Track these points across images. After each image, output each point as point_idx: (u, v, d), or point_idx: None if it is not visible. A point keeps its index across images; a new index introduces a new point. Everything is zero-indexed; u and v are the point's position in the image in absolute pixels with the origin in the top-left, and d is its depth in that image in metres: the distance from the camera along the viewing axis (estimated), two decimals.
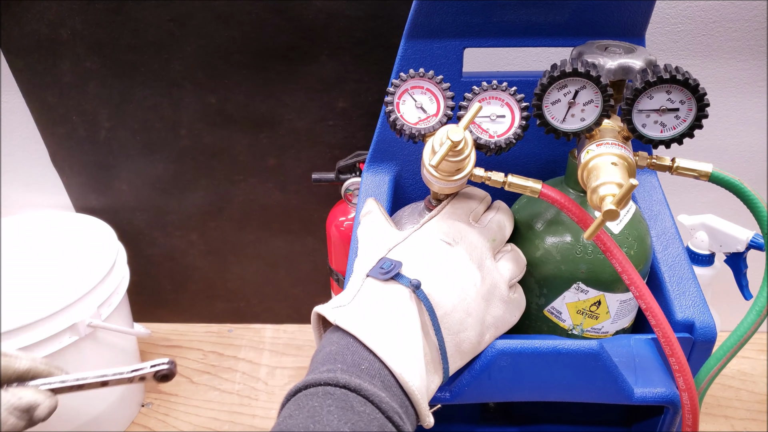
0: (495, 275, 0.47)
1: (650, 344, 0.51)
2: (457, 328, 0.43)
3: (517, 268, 0.49)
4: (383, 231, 0.49)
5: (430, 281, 0.43)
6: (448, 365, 0.43)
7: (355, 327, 0.39)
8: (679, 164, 0.46)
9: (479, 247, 0.47)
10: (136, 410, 0.85)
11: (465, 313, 0.43)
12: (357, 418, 0.35)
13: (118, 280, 0.75)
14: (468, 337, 0.44)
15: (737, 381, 0.86)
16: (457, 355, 0.44)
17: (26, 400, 0.46)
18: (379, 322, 0.40)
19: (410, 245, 0.46)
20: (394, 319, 0.40)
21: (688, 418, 0.47)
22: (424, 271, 0.43)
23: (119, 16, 0.72)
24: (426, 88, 0.47)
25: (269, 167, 0.84)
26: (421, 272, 0.43)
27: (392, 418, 0.36)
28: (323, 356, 0.39)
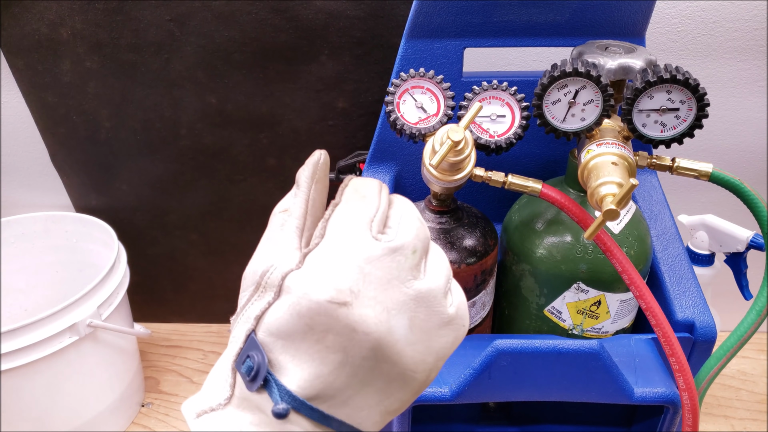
0: (428, 302, 0.32)
1: (650, 344, 0.51)
2: (375, 400, 0.31)
3: (447, 269, 0.34)
4: (274, 252, 0.33)
5: (316, 376, 0.30)
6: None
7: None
8: (679, 164, 0.46)
9: (394, 275, 0.31)
10: (136, 410, 0.84)
11: (386, 381, 0.31)
12: None
13: (118, 280, 0.75)
14: (398, 399, 0.32)
15: (737, 381, 0.86)
16: (385, 418, 0.33)
17: None
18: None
19: (286, 312, 0.30)
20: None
21: (688, 418, 0.47)
22: (304, 362, 0.30)
23: (119, 16, 0.72)
24: (426, 88, 0.47)
25: (269, 167, 0.84)
26: (302, 363, 0.30)
27: None
28: None
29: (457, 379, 0.47)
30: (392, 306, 0.31)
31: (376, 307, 0.30)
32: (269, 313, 0.31)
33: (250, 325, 0.31)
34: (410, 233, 0.32)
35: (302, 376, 0.30)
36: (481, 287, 0.52)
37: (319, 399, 0.30)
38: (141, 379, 0.87)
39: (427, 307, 0.32)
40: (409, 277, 0.31)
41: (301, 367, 0.30)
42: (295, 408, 0.29)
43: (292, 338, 0.30)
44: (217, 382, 0.32)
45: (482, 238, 0.51)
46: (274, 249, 0.34)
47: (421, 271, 0.32)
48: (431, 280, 0.32)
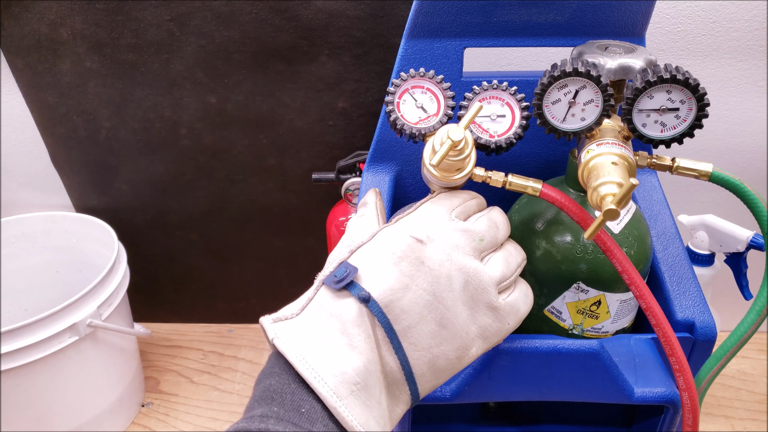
0: (480, 278, 0.40)
1: (650, 344, 0.51)
2: (427, 343, 0.37)
3: (508, 269, 0.42)
4: (363, 226, 0.44)
5: (389, 288, 0.37)
6: (416, 386, 0.38)
7: (294, 353, 0.35)
8: (679, 164, 0.46)
9: (460, 245, 0.40)
10: (136, 410, 0.85)
11: (438, 325, 0.37)
12: None
13: (118, 280, 0.75)
14: (444, 352, 0.38)
15: (737, 381, 0.86)
16: (430, 374, 0.38)
17: None
18: (322, 347, 0.35)
19: (375, 244, 0.40)
20: (340, 343, 0.35)
21: (688, 418, 0.47)
22: (382, 277, 0.37)
23: (119, 16, 0.72)
24: (426, 88, 0.47)
25: (269, 167, 0.84)
26: (380, 278, 0.37)
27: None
28: (262, 390, 0.35)
29: (457, 379, 0.47)
30: (454, 264, 0.39)
31: (442, 256, 0.39)
32: (362, 246, 0.40)
33: (344, 255, 0.40)
34: (482, 226, 0.42)
35: (378, 285, 0.37)
36: None
37: (387, 309, 0.36)
38: (141, 379, 0.87)
39: (477, 285, 0.40)
40: (471, 253, 0.40)
41: (378, 281, 0.37)
42: (370, 306, 0.36)
43: (376, 261, 0.38)
44: (298, 301, 0.38)
45: None
46: (360, 229, 0.44)
47: (483, 258, 0.42)
48: (487, 267, 0.41)
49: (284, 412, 0.33)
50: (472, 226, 0.42)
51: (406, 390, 0.38)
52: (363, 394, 0.35)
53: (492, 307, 0.40)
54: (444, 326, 0.38)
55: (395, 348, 0.36)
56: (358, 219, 0.46)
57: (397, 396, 0.37)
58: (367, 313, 0.36)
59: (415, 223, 0.41)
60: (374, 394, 0.35)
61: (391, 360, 0.37)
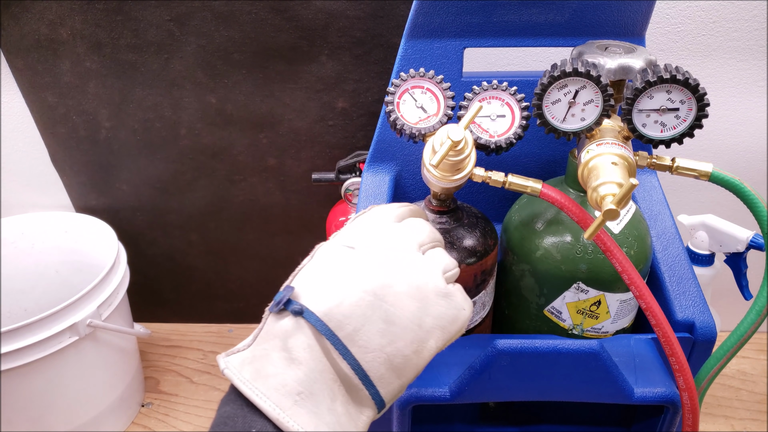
0: (424, 268, 0.40)
1: (650, 344, 0.51)
2: (378, 343, 0.37)
3: (450, 261, 0.42)
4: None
5: (325, 298, 0.37)
6: (376, 389, 0.37)
7: (239, 378, 0.36)
8: (679, 164, 0.46)
9: (396, 240, 0.41)
10: (136, 410, 0.84)
11: (385, 323, 0.37)
12: None
13: (118, 280, 0.75)
14: (398, 349, 0.37)
15: (737, 381, 0.86)
16: (390, 374, 0.37)
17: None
18: (264, 367, 0.36)
19: (313, 262, 0.40)
20: (280, 358, 0.36)
21: (688, 418, 0.47)
22: (318, 289, 0.37)
23: (119, 16, 0.72)
24: (426, 88, 0.47)
25: (269, 167, 0.84)
26: (315, 291, 0.37)
27: None
28: (218, 418, 0.35)
29: (457, 379, 0.47)
30: (392, 260, 0.39)
31: (379, 254, 0.39)
32: (303, 268, 0.40)
33: (288, 280, 0.40)
34: (417, 223, 0.43)
35: (316, 298, 0.37)
36: (481, 287, 0.52)
37: (327, 317, 0.36)
38: (141, 379, 0.87)
39: (423, 275, 0.39)
40: (409, 248, 0.41)
41: (315, 293, 0.37)
42: (306, 316, 0.36)
43: (312, 274, 0.39)
44: (252, 335, 0.38)
45: (482, 238, 0.51)
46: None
47: (425, 252, 0.42)
48: (428, 257, 0.41)
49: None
50: (407, 225, 0.43)
51: (366, 394, 0.37)
52: (309, 402, 0.35)
53: (443, 293, 0.39)
54: (392, 323, 0.37)
55: (342, 354, 0.36)
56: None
57: (359, 401, 0.37)
58: (307, 324, 0.36)
59: (348, 233, 0.42)
60: (323, 401, 0.35)
61: (344, 366, 0.36)
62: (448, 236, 0.50)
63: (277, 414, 0.34)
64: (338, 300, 0.37)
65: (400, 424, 0.49)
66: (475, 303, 0.53)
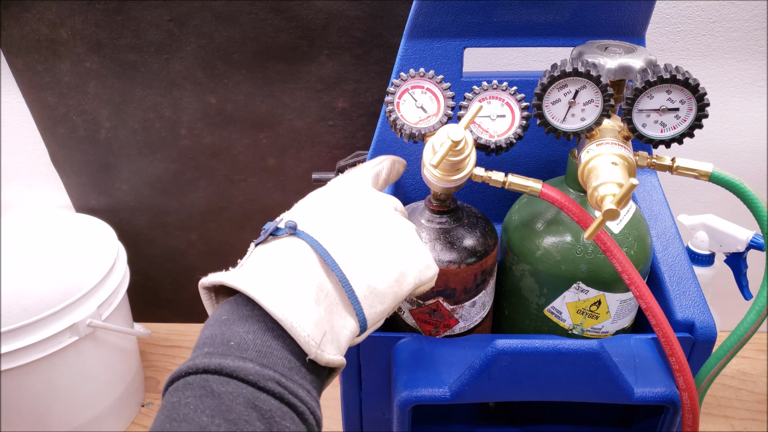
0: (384, 201, 0.44)
1: (650, 344, 0.51)
2: (362, 266, 0.39)
3: (399, 205, 0.46)
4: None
5: (315, 221, 0.40)
6: (361, 307, 0.38)
7: (231, 278, 0.37)
8: (679, 164, 0.46)
9: (361, 176, 0.46)
10: (136, 410, 0.84)
11: (363, 246, 0.39)
12: (216, 402, 0.31)
13: (118, 280, 0.75)
14: (380, 272, 0.39)
15: (737, 381, 0.86)
16: (373, 297, 0.39)
17: None
18: (259, 271, 0.37)
19: (297, 205, 0.43)
20: (276, 264, 0.37)
21: (688, 418, 0.47)
22: (307, 217, 0.40)
23: (119, 16, 0.72)
24: (426, 88, 0.47)
25: (269, 167, 0.84)
26: (305, 218, 0.40)
27: (266, 387, 0.32)
28: (199, 340, 0.35)
29: (457, 379, 0.47)
30: (374, 194, 0.45)
31: (367, 192, 0.45)
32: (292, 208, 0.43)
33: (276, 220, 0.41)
34: (374, 163, 0.50)
35: (306, 222, 0.40)
36: (481, 287, 0.52)
37: (318, 234, 0.39)
38: (141, 379, 0.87)
39: (397, 207, 0.45)
40: (369, 182, 0.47)
41: (305, 219, 0.40)
42: (299, 234, 0.39)
43: (297, 212, 0.42)
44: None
45: (482, 238, 0.51)
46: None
47: (376, 186, 0.48)
48: (385, 195, 0.46)
49: (215, 347, 0.34)
50: (368, 164, 0.49)
51: (352, 310, 0.38)
52: (293, 294, 0.35)
53: (404, 226, 0.43)
54: (368, 247, 0.40)
55: (332, 266, 0.38)
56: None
57: (340, 315, 0.38)
58: (299, 242, 0.38)
59: (334, 180, 0.46)
60: (303, 291, 0.36)
61: (331, 280, 0.38)
62: (448, 236, 0.50)
63: (241, 284, 0.35)
64: (327, 224, 0.40)
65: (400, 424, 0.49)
66: (474, 303, 0.53)
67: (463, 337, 0.53)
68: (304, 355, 0.35)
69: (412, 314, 0.53)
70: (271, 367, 0.33)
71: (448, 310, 0.52)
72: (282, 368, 0.33)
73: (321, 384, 0.36)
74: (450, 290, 0.51)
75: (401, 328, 0.55)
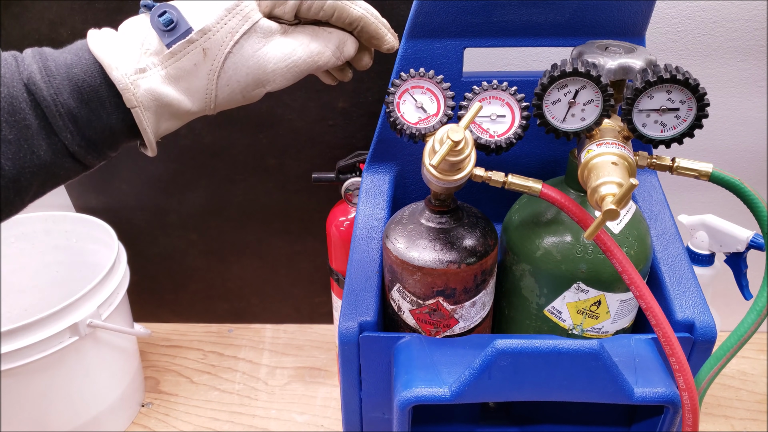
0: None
1: (650, 344, 0.51)
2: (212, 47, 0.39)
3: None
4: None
5: (179, 2, 0.40)
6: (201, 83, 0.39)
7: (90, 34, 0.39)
8: (679, 164, 0.46)
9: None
10: (136, 410, 0.85)
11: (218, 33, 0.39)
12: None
13: (118, 280, 0.75)
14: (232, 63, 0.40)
15: (737, 381, 0.86)
16: (219, 79, 0.40)
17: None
18: (110, 33, 0.40)
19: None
20: (124, 29, 0.40)
21: (688, 418, 0.47)
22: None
23: (119, 16, 0.72)
24: (426, 88, 0.47)
25: (269, 167, 0.84)
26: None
27: (28, 86, 0.35)
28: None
29: (457, 379, 0.47)
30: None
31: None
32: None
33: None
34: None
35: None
36: (481, 287, 0.52)
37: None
38: (141, 379, 0.87)
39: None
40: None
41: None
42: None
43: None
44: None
45: (482, 238, 0.51)
46: None
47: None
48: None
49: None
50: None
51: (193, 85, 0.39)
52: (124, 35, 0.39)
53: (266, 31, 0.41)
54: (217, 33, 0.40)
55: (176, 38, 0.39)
56: None
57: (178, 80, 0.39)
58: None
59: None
60: (136, 42, 0.39)
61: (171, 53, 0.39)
62: (448, 236, 0.50)
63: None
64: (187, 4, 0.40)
65: (400, 424, 0.49)
66: (474, 303, 0.53)
67: (463, 337, 0.53)
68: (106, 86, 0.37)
69: (412, 314, 0.53)
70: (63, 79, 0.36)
71: (448, 310, 0.52)
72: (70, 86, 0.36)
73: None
74: (450, 290, 0.51)
75: (401, 328, 0.55)
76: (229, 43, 0.39)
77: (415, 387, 0.47)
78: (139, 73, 0.38)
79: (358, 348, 0.52)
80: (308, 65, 0.43)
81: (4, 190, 0.36)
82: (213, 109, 0.42)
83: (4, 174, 0.35)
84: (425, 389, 0.47)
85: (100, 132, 0.38)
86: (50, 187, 0.39)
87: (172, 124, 0.41)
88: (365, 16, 0.44)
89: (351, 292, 0.53)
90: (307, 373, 0.91)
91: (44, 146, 0.36)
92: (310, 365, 0.92)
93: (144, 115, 0.38)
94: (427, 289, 0.51)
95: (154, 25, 0.39)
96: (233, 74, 0.40)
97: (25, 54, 0.37)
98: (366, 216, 0.60)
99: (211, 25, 0.39)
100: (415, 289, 0.51)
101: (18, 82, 0.36)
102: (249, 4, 0.40)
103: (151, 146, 0.40)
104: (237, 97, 0.42)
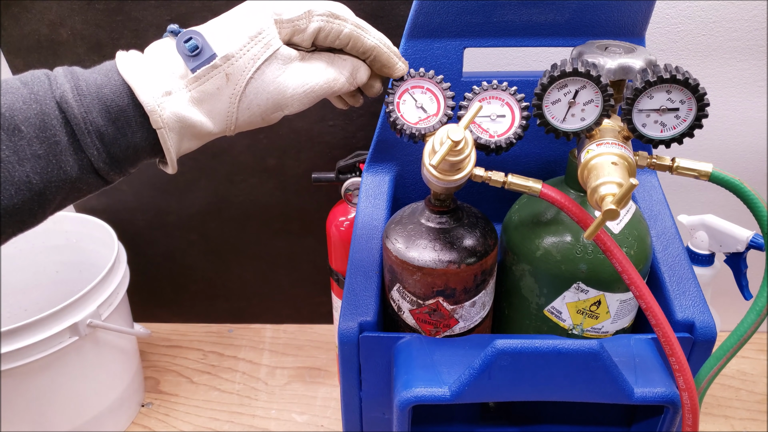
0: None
1: (650, 344, 0.51)
2: (237, 73, 0.40)
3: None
4: None
5: (203, 28, 0.42)
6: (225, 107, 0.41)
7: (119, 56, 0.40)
8: (679, 164, 0.46)
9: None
10: (136, 410, 0.85)
11: (241, 55, 0.40)
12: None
13: (118, 280, 0.75)
14: (254, 87, 0.41)
15: (737, 381, 0.86)
16: (240, 105, 0.41)
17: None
18: (138, 56, 0.40)
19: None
20: (151, 53, 0.40)
21: (688, 418, 0.47)
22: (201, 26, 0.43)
23: (119, 16, 0.72)
24: (426, 88, 0.47)
25: (269, 167, 0.84)
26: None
27: (61, 104, 0.36)
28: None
29: (457, 379, 0.47)
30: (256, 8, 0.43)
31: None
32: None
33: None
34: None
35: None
36: (481, 287, 0.52)
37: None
38: (141, 379, 0.87)
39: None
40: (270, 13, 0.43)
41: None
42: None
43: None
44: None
45: (482, 238, 0.51)
46: None
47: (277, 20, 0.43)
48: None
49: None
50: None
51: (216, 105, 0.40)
52: (154, 57, 0.40)
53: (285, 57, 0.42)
54: (247, 62, 0.41)
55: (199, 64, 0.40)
56: None
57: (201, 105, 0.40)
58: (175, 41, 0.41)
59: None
60: (163, 65, 0.40)
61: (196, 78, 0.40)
62: (448, 236, 0.50)
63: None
64: (210, 29, 0.42)
65: (400, 424, 0.49)
66: (474, 303, 0.53)
67: (463, 337, 0.53)
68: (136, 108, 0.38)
69: (412, 314, 0.53)
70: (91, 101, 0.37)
71: (448, 310, 0.52)
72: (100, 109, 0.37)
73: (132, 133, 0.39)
74: (450, 290, 0.51)
75: (401, 328, 0.55)
76: (251, 69, 0.41)
77: (415, 387, 0.47)
78: (166, 95, 0.39)
79: (358, 348, 0.52)
80: (324, 90, 0.44)
81: (30, 202, 0.37)
82: (233, 131, 0.43)
83: (32, 187, 0.37)
84: (425, 389, 0.47)
85: (125, 150, 0.39)
86: (71, 201, 0.40)
87: (193, 143, 0.42)
88: (378, 46, 0.45)
89: (351, 292, 0.53)
90: (307, 373, 0.91)
91: (71, 162, 0.38)
92: (310, 365, 0.92)
93: (168, 135, 0.40)
94: (427, 289, 0.51)
95: (180, 50, 0.40)
96: (254, 98, 0.42)
97: (56, 72, 0.38)
98: (366, 216, 0.60)
99: (234, 51, 0.40)
100: (415, 289, 0.51)
101: (51, 99, 0.37)
102: (270, 32, 0.41)
103: (172, 164, 0.42)
104: (256, 120, 0.43)
